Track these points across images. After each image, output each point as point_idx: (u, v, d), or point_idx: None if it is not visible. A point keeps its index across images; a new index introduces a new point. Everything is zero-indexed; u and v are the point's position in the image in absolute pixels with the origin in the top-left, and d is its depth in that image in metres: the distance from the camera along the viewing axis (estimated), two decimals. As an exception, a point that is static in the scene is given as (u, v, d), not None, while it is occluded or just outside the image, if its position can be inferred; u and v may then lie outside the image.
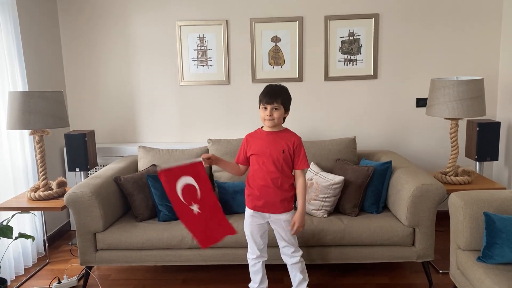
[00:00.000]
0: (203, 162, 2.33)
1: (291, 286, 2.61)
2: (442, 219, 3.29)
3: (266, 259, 2.58)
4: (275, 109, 2.37)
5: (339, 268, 3.09)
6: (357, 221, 2.85)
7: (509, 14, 3.62)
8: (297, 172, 2.48)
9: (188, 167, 2.27)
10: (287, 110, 2.44)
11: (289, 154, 2.42)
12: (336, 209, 3.02)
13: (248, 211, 2.51)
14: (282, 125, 2.50)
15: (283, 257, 2.57)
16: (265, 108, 2.38)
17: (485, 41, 3.75)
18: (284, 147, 2.41)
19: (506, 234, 2.17)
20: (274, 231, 2.53)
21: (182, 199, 2.22)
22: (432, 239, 2.76)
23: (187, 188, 2.25)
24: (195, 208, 2.26)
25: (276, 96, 2.37)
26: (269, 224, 2.52)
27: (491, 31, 3.74)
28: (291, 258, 2.52)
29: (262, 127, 2.51)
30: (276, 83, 2.48)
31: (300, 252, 2.54)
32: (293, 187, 2.48)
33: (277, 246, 2.58)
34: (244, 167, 2.53)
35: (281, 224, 2.46)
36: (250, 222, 2.50)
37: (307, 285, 2.58)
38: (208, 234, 2.30)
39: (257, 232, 2.50)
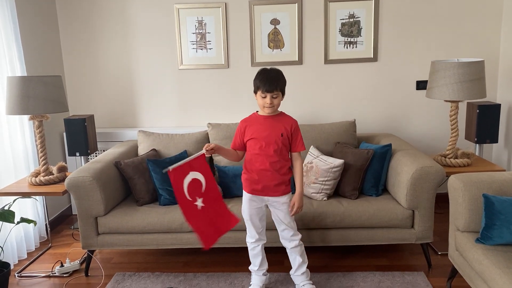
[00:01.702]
0: (205, 153, 2.32)
1: (291, 268, 2.64)
2: (441, 201, 3.31)
3: (265, 242, 2.60)
4: (274, 96, 2.36)
5: (339, 250, 3.12)
6: (356, 203, 2.87)
7: (511, -5, 3.58)
8: (295, 155, 2.49)
9: (194, 161, 2.27)
10: (283, 94, 2.43)
11: (287, 137, 2.43)
12: (336, 192, 3.03)
13: (246, 195, 2.52)
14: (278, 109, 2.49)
15: (282, 241, 2.59)
16: (264, 96, 2.36)
17: (486, 23, 3.71)
18: (282, 130, 2.42)
19: (504, 215, 2.18)
20: (272, 215, 2.54)
21: (188, 196, 2.23)
22: (431, 221, 2.79)
23: (193, 183, 2.26)
24: (199, 203, 2.26)
25: (274, 83, 2.35)
26: (267, 207, 2.53)
27: (492, 13, 3.70)
28: (290, 241, 2.54)
29: (257, 111, 2.50)
30: (270, 67, 2.45)
31: (299, 236, 2.56)
32: (290, 170, 2.49)
33: (276, 229, 2.60)
34: (241, 152, 2.53)
35: (280, 207, 2.48)
36: (249, 206, 2.51)
37: (307, 267, 2.60)
38: (211, 229, 2.29)
39: (256, 216, 2.52)
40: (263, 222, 2.57)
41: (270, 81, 2.35)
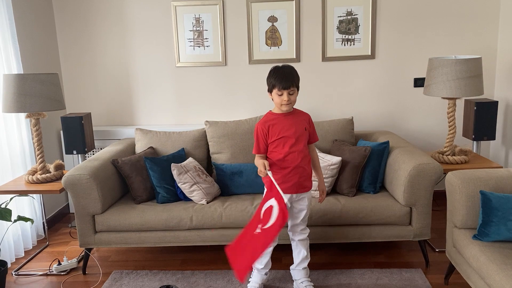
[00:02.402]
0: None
1: (290, 265, 2.64)
2: (439, 198, 3.32)
3: (276, 243, 2.59)
4: (291, 93, 2.35)
5: (336, 247, 3.13)
6: (354, 201, 2.87)
7: (508, -8, 3.58)
8: (311, 146, 2.55)
9: (278, 192, 2.23)
10: (298, 90, 2.43)
11: (308, 130, 2.47)
12: (334, 190, 3.03)
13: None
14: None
15: (290, 233, 2.58)
16: (281, 94, 2.34)
17: (484, 20, 3.71)
18: (305, 125, 2.45)
19: (502, 212, 2.18)
20: (294, 210, 2.50)
21: (261, 215, 2.24)
22: (429, 218, 2.79)
23: (269, 209, 2.25)
24: (258, 229, 2.24)
25: (290, 79, 2.33)
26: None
27: (490, 10, 3.70)
28: (300, 234, 2.55)
29: (270, 111, 2.48)
30: (283, 64, 2.44)
31: (308, 230, 2.57)
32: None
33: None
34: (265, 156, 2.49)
35: (304, 202, 2.49)
36: None
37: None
38: (238, 251, 2.25)
39: None
40: None
41: (286, 77, 2.33)
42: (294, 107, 2.49)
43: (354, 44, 3.79)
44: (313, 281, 2.62)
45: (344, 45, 3.80)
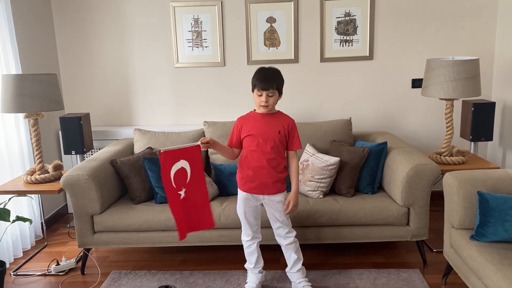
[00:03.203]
0: (201, 146, 2.32)
1: (287, 266, 2.65)
2: (437, 199, 3.33)
3: (260, 239, 2.61)
4: (270, 95, 2.36)
5: (335, 247, 3.14)
6: (352, 201, 2.88)
7: (506, -7, 3.60)
8: (291, 153, 2.50)
9: (186, 150, 2.26)
10: (280, 94, 2.44)
11: (284, 135, 2.44)
12: (332, 190, 3.04)
13: (241, 194, 2.52)
14: (275, 107, 2.49)
15: (277, 238, 2.59)
16: (260, 94, 2.37)
17: (482, 21, 3.73)
18: (279, 128, 2.43)
19: (499, 212, 2.19)
20: (268, 213, 2.54)
21: (173, 183, 2.23)
22: (427, 219, 2.80)
23: (180, 172, 2.25)
24: (182, 193, 2.27)
25: (271, 81, 2.35)
26: (262, 205, 2.54)
27: (488, 12, 3.72)
28: (285, 239, 2.55)
29: (255, 109, 2.51)
30: (269, 65, 2.46)
31: (294, 233, 2.56)
32: (286, 169, 2.50)
33: (272, 227, 2.60)
34: (237, 150, 2.52)
35: (275, 205, 2.48)
36: (244, 205, 2.51)
37: (302, 264, 2.61)
38: (187, 222, 2.30)
39: (251, 214, 2.52)
40: (258, 220, 2.57)
41: (266, 79, 2.35)
42: (279, 110, 2.51)
43: (352, 45, 3.80)
44: (310, 281, 2.63)
45: (342, 46, 3.81)
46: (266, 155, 2.40)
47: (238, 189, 2.53)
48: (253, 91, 2.42)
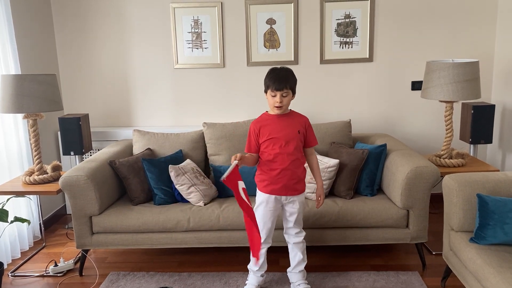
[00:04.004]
0: (238, 164, 2.28)
1: (287, 267, 2.64)
2: (436, 201, 3.33)
3: (270, 245, 2.58)
4: (284, 95, 2.35)
5: (334, 249, 3.13)
6: (351, 203, 2.87)
7: (506, -4, 3.60)
8: (310, 150, 2.52)
9: (234, 170, 2.21)
10: (294, 93, 2.43)
11: (303, 134, 2.45)
12: (331, 192, 3.04)
13: (262, 196, 2.47)
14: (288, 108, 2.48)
15: (286, 236, 2.58)
16: (274, 95, 2.35)
17: (481, 23, 3.73)
18: (298, 128, 2.43)
19: (498, 215, 2.19)
20: (286, 213, 2.52)
21: (246, 200, 2.20)
22: (426, 221, 2.79)
23: (244, 190, 2.23)
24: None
25: (284, 81, 2.33)
26: (281, 208, 2.51)
27: (487, 14, 3.72)
28: (295, 237, 2.55)
29: (267, 111, 2.49)
30: (281, 66, 2.44)
31: (304, 233, 2.57)
32: (305, 168, 2.50)
33: (275, 229, 2.59)
34: (257, 155, 2.48)
35: (296, 206, 2.48)
36: (264, 207, 2.47)
37: (304, 267, 2.61)
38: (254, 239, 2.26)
39: (270, 217, 2.49)
40: (274, 224, 2.54)
41: (280, 79, 2.33)
42: (292, 109, 2.49)
43: (352, 47, 3.80)
44: (310, 284, 2.62)
45: (342, 47, 3.81)
46: (290, 156, 2.39)
47: (259, 191, 2.50)
48: (266, 92, 2.40)
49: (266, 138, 2.41)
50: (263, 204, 2.48)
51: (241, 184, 2.22)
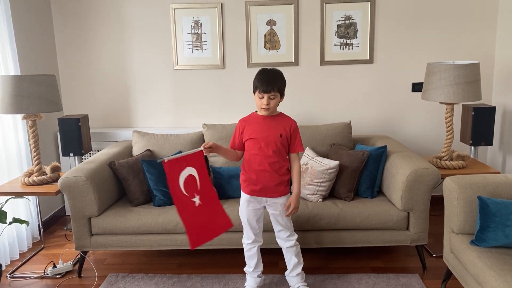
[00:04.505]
0: (203, 151, 2.30)
1: (286, 270, 2.63)
2: (437, 203, 3.31)
3: (261, 243, 2.59)
4: (272, 97, 2.34)
5: (334, 252, 3.12)
6: (352, 205, 2.86)
7: (506, -2, 3.59)
8: (293, 156, 2.48)
9: (190, 156, 2.23)
10: (282, 96, 2.42)
11: (286, 138, 2.42)
12: (331, 194, 3.03)
13: (244, 196, 2.50)
14: (277, 109, 2.48)
15: (278, 241, 2.58)
16: (262, 97, 2.35)
17: (482, 25, 3.73)
18: (281, 131, 2.41)
19: (499, 217, 2.18)
20: (270, 216, 2.53)
21: (184, 191, 2.19)
22: (426, 223, 2.78)
23: (189, 179, 2.22)
24: (197, 200, 2.24)
25: (272, 84, 2.32)
26: (265, 208, 2.52)
27: (488, 16, 3.71)
28: (286, 242, 2.53)
29: (256, 111, 2.49)
30: (270, 67, 2.44)
31: (295, 236, 2.55)
32: (289, 171, 2.48)
33: (272, 231, 2.59)
34: (240, 152, 2.51)
35: (278, 208, 2.46)
36: (246, 207, 2.49)
37: (302, 269, 2.60)
38: (204, 229, 2.26)
39: (253, 217, 2.50)
40: (260, 223, 2.55)
41: (268, 81, 2.33)
42: (281, 111, 2.49)
43: (352, 49, 3.80)
44: (309, 286, 2.61)
45: (343, 49, 3.80)
46: (268, 158, 2.38)
47: (241, 191, 2.52)
48: (254, 92, 2.40)
49: (248, 137, 2.42)
50: (245, 204, 2.50)
51: (191, 171, 2.21)
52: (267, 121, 2.43)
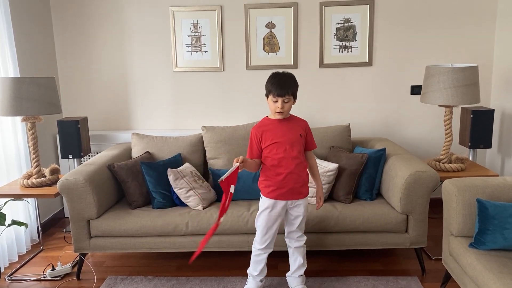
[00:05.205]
0: (239, 167, 2.27)
1: (286, 272, 2.63)
2: (435, 206, 3.32)
3: (271, 251, 2.57)
4: (286, 101, 2.35)
5: (332, 254, 3.12)
6: (351, 208, 2.86)
7: (504, 2, 3.60)
8: (309, 153, 2.54)
9: (234, 173, 2.20)
10: (295, 99, 2.43)
11: (304, 137, 2.46)
12: (330, 196, 3.03)
13: (267, 202, 2.45)
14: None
15: (287, 240, 2.58)
16: (276, 101, 2.35)
17: (481, 28, 3.74)
18: (300, 131, 2.44)
19: (498, 220, 2.18)
20: (290, 217, 2.50)
21: (226, 205, 2.21)
22: (425, 226, 2.79)
23: (231, 195, 2.22)
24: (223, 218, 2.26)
25: (286, 87, 2.33)
26: (286, 212, 2.50)
27: (487, 19, 3.72)
28: (296, 242, 2.55)
29: (267, 116, 2.49)
30: (283, 70, 2.44)
31: (305, 238, 2.56)
32: (307, 171, 2.52)
33: (284, 231, 2.58)
34: (259, 160, 2.47)
35: (300, 209, 2.47)
36: (269, 213, 2.45)
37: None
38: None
39: (274, 223, 2.48)
40: (277, 231, 2.53)
41: (282, 85, 2.33)
42: (291, 113, 2.49)
43: (351, 51, 3.81)
44: (309, 288, 2.61)
45: (342, 52, 3.81)
46: (294, 160, 2.39)
47: (263, 197, 2.48)
48: (267, 96, 2.40)
49: (270, 142, 2.40)
50: (267, 210, 2.46)
51: (232, 189, 2.21)
52: (284, 124, 2.43)
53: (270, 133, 2.41)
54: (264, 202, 2.48)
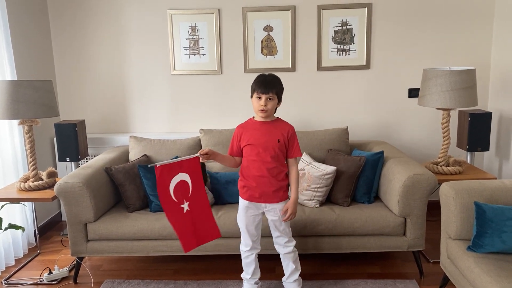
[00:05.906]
0: (200, 158, 2.30)
1: (283, 275, 2.62)
2: (433, 209, 3.32)
3: (259, 250, 2.57)
4: (269, 99, 2.35)
5: (331, 257, 3.11)
6: (349, 211, 2.86)
7: (502, 5, 3.61)
8: (291, 161, 2.48)
9: (185, 162, 2.24)
10: (279, 100, 2.43)
11: (284, 143, 2.42)
12: (328, 199, 3.02)
13: (243, 203, 2.49)
14: (274, 115, 2.48)
15: (276, 246, 2.57)
16: (259, 98, 2.35)
17: (478, 31, 3.75)
18: (279, 136, 2.41)
19: (496, 223, 2.18)
20: (269, 221, 2.52)
21: (174, 197, 2.20)
22: (423, 229, 2.78)
23: (180, 185, 2.23)
24: (185, 206, 2.24)
25: (270, 86, 2.35)
26: (263, 214, 2.51)
27: (484, 22, 3.74)
28: (284, 248, 2.53)
29: (253, 117, 2.49)
30: (269, 73, 2.46)
31: (294, 242, 2.54)
32: (287, 176, 2.48)
33: (270, 236, 2.58)
34: (239, 158, 2.50)
35: (277, 213, 2.46)
36: (245, 214, 2.48)
37: (299, 275, 2.59)
38: (193, 235, 2.27)
39: (252, 224, 2.49)
40: (259, 230, 2.54)
41: (266, 83, 2.35)
42: (279, 117, 2.49)
43: (349, 54, 3.81)
44: (306, 292, 2.61)
45: (339, 55, 3.81)
46: (266, 164, 2.38)
47: (240, 197, 2.51)
48: (252, 96, 2.41)
49: (246, 143, 2.42)
50: (243, 211, 2.48)
51: (184, 177, 2.22)
52: (265, 127, 2.43)
53: (248, 134, 2.43)
54: (240, 202, 2.51)
